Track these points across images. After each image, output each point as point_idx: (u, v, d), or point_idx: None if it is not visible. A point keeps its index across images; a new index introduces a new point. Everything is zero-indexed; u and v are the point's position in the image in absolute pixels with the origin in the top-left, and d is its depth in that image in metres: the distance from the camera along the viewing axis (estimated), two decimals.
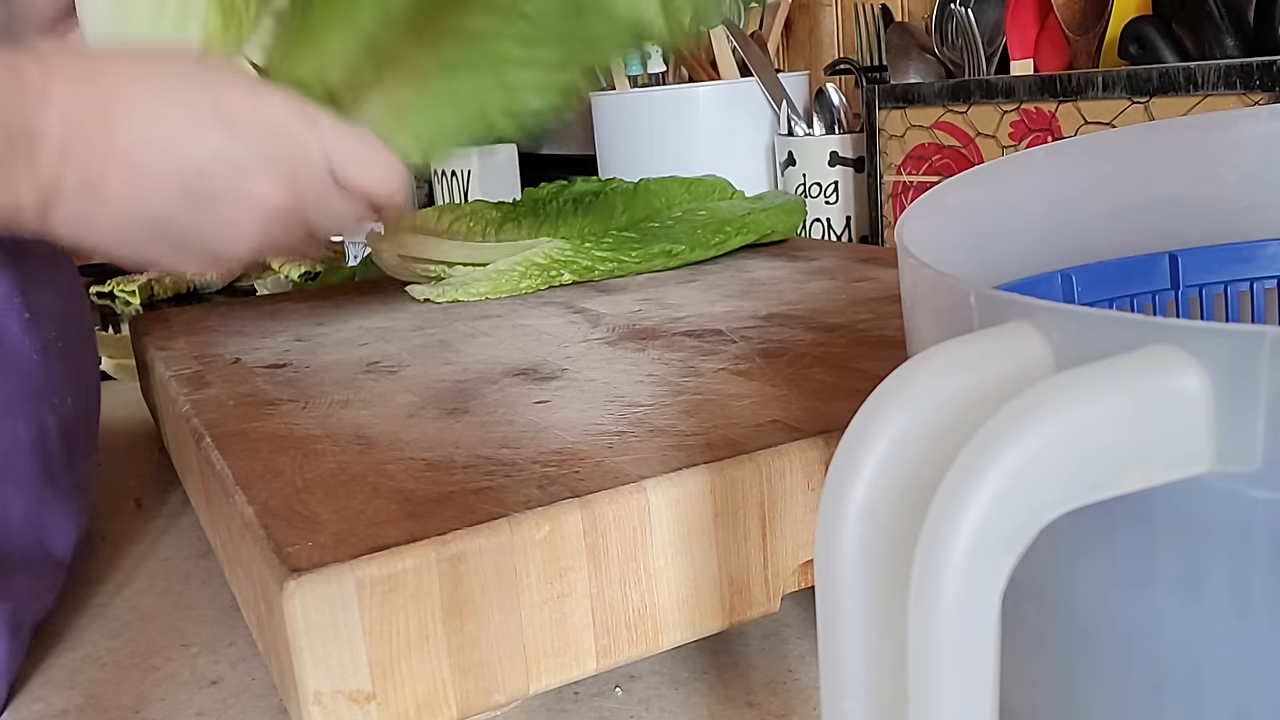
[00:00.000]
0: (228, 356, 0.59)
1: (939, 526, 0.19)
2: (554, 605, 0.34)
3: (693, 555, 0.36)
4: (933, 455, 0.20)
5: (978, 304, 0.23)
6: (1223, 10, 0.70)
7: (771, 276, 0.71)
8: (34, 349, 0.47)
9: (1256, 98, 0.65)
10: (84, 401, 0.54)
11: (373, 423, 0.44)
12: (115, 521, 0.61)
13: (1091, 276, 0.35)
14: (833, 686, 0.22)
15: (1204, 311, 0.36)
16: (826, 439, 0.38)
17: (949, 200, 0.33)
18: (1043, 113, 0.78)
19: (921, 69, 0.92)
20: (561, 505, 0.34)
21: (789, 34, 1.22)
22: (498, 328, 0.61)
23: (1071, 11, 0.80)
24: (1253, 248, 0.36)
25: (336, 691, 0.31)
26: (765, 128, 1.06)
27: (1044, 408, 0.19)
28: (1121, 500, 0.19)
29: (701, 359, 0.50)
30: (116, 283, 1.18)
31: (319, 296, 0.76)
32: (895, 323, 0.55)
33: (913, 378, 0.21)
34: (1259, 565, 0.20)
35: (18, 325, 0.47)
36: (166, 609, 0.50)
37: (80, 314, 0.55)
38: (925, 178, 0.89)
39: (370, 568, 0.31)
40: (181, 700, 0.42)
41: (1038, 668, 0.25)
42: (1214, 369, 0.18)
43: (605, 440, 0.40)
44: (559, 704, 0.41)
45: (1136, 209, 0.36)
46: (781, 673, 0.42)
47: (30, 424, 0.47)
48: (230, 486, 0.38)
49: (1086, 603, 0.23)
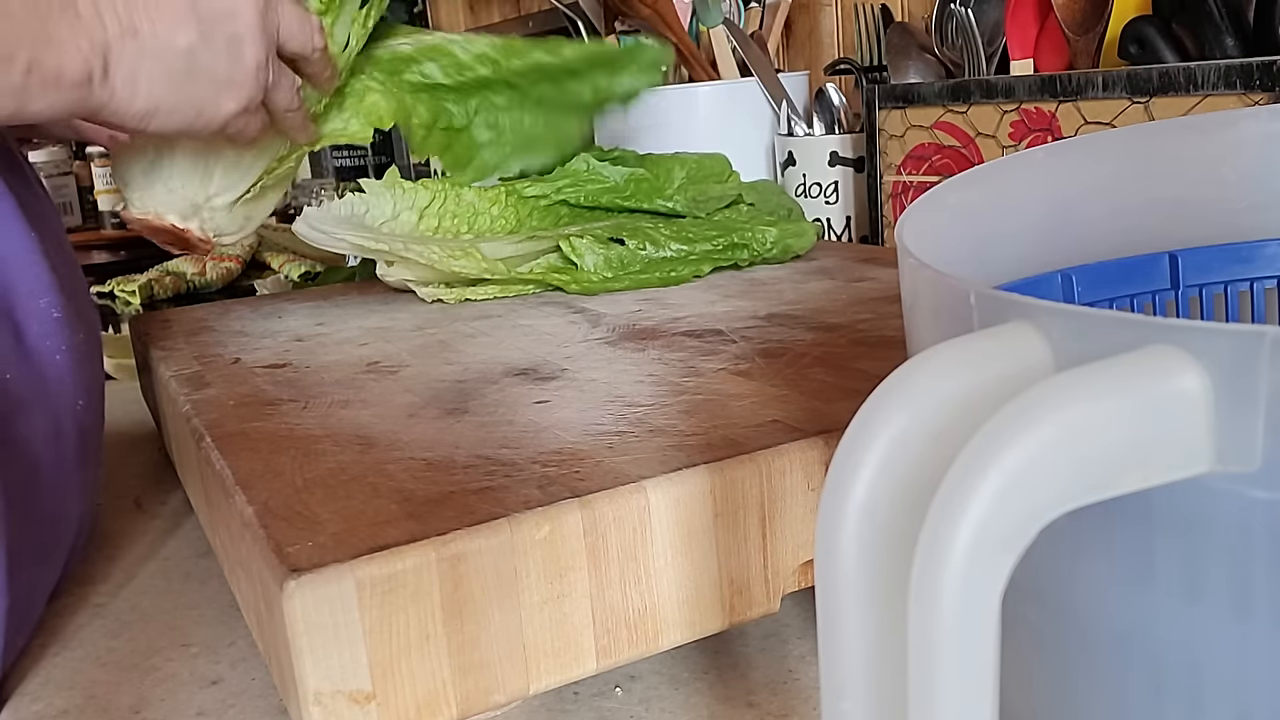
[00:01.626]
0: (228, 356, 0.59)
1: (939, 526, 0.19)
2: (554, 605, 0.34)
3: (693, 555, 0.36)
4: (933, 455, 0.20)
5: (978, 304, 0.23)
6: (1223, 10, 0.70)
7: (771, 276, 0.71)
8: (58, 349, 0.48)
9: (1256, 98, 0.65)
10: (96, 404, 0.54)
11: (373, 423, 0.44)
12: (115, 521, 0.61)
13: (1091, 276, 0.35)
14: (833, 686, 0.22)
15: (1204, 311, 0.36)
16: (826, 439, 0.38)
17: (949, 200, 0.33)
18: (1043, 113, 0.78)
19: (921, 69, 0.92)
20: (561, 505, 0.34)
21: (789, 34, 1.22)
22: (498, 328, 0.61)
23: (1071, 11, 0.80)
24: (1253, 248, 0.36)
25: (336, 691, 0.31)
26: (765, 128, 1.06)
27: (1044, 408, 0.19)
28: (1121, 500, 0.19)
29: (702, 359, 0.50)
30: (116, 283, 1.18)
31: (319, 296, 0.76)
32: (895, 323, 0.55)
33: (913, 378, 0.21)
34: (1259, 565, 0.20)
35: (49, 324, 0.48)
36: (166, 609, 0.50)
37: (93, 319, 0.56)
38: (925, 178, 0.89)
39: (370, 568, 0.31)
40: (181, 700, 0.42)
41: (1038, 668, 0.25)
42: (1214, 369, 0.18)
43: (605, 440, 0.40)
44: (559, 704, 0.41)
45: (1136, 209, 0.36)
46: (781, 673, 0.42)
47: (49, 423, 0.47)
48: (230, 486, 0.38)
49: (1086, 603, 0.23)
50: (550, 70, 0.68)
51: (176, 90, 0.48)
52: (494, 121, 0.69)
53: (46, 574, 0.49)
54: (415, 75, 0.67)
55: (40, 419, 0.47)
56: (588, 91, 0.70)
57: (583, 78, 0.70)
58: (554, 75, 0.69)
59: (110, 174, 0.60)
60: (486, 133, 0.69)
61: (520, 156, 0.71)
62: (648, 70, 0.72)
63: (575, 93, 0.70)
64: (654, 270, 0.70)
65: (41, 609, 0.49)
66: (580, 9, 1.13)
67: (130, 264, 1.32)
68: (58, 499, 0.49)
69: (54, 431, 0.48)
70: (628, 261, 0.69)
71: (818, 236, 0.80)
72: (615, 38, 1.10)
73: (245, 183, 0.62)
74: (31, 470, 0.46)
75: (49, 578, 0.50)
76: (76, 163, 1.86)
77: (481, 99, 0.69)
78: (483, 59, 0.67)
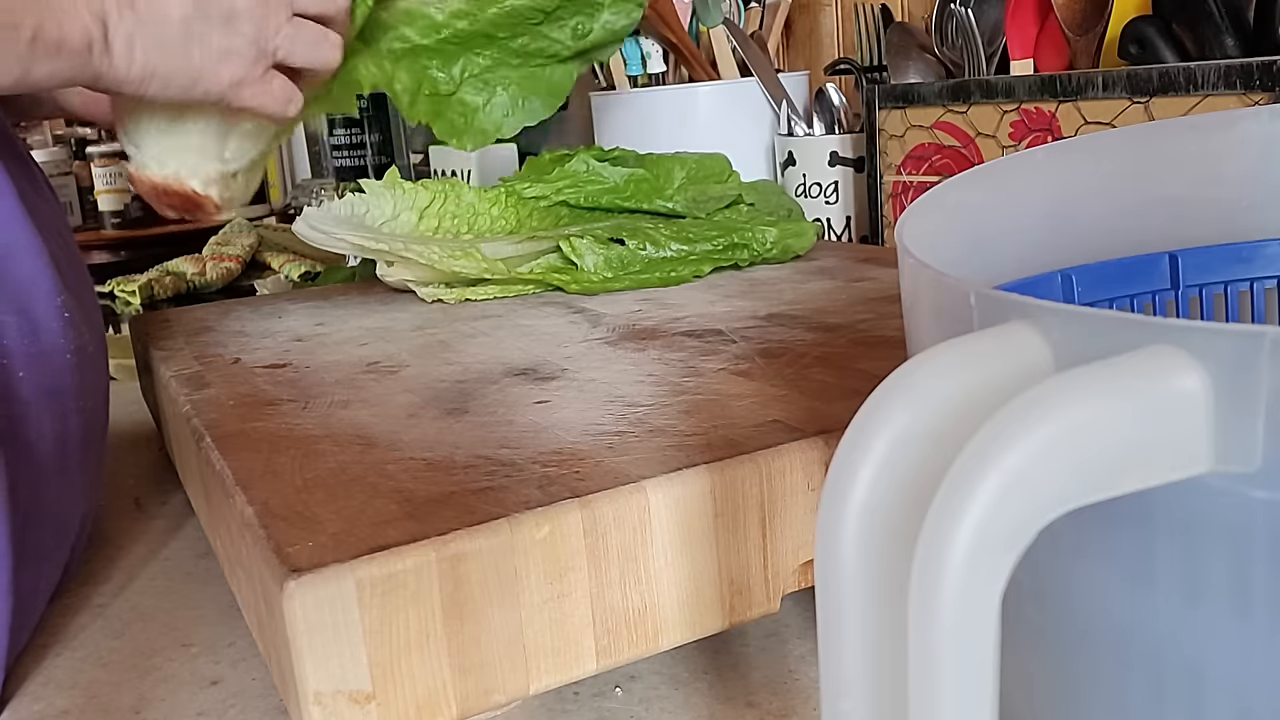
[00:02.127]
0: (228, 356, 0.59)
1: (939, 526, 0.19)
2: (554, 605, 0.34)
3: (693, 555, 0.36)
4: (933, 455, 0.20)
5: (978, 304, 0.23)
6: (1223, 10, 0.70)
7: (771, 276, 0.71)
8: (68, 349, 0.48)
9: (1256, 98, 0.65)
10: (101, 406, 0.54)
11: (373, 423, 0.44)
12: (116, 522, 0.61)
13: (1091, 276, 0.35)
14: (833, 686, 0.22)
15: (1204, 311, 0.36)
16: (826, 439, 0.38)
17: (949, 200, 0.33)
18: (1043, 113, 0.78)
19: (921, 69, 0.92)
20: (561, 505, 0.34)
21: (789, 34, 1.22)
22: (498, 328, 0.61)
23: (1071, 11, 0.80)
24: (1253, 248, 0.36)
25: (336, 692, 0.31)
26: (765, 128, 1.06)
27: (1044, 408, 0.19)
28: (1121, 500, 0.19)
29: (702, 359, 0.50)
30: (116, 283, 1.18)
31: (319, 296, 0.76)
32: (895, 323, 0.55)
33: (913, 378, 0.21)
34: (1259, 565, 0.20)
35: (58, 324, 0.48)
36: (167, 609, 0.50)
37: (98, 321, 0.56)
38: (925, 178, 0.89)
39: (370, 568, 0.31)
40: (181, 700, 0.42)
41: (1038, 668, 0.25)
42: (1214, 369, 0.18)
43: (605, 440, 0.40)
44: (559, 704, 0.41)
45: (1137, 209, 0.36)
46: (781, 673, 0.42)
47: (56, 422, 0.47)
48: (230, 486, 0.38)
49: (1086, 603, 0.23)
50: (526, 13, 0.67)
51: (171, 58, 0.49)
52: (482, 82, 0.68)
53: (49, 574, 0.49)
54: (394, 42, 0.66)
55: (48, 420, 0.47)
56: (567, 35, 0.68)
57: (560, 21, 0.68)
58: (531, 20, 0.67)
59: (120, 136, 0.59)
60: (476, 96, 0.68)
61: (516, 115, 0.69)
62: (626, 5, 0.70)
63: (555, 38, 0.68)
64: (654, 270, 0.70)
65: (43, 608, 0.49)
66: None
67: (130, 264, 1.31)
68: (62, 500, 0.49)
69: (60, 432, 0.48)
70: (628, 261, 0.69)
71: (818, 236, 0.80)
72: None
73: (253, 152, 0.62)
74: (37, 471, 0.46)
75: (52, 577, 0.50)
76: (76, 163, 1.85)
77: (465, 61, 0.68)
78: (458, 14, 0.66)
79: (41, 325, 0.47)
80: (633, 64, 1.10)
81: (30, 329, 0.46)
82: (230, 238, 1.31)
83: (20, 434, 0.45)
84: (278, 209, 1.80)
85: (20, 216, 0.47)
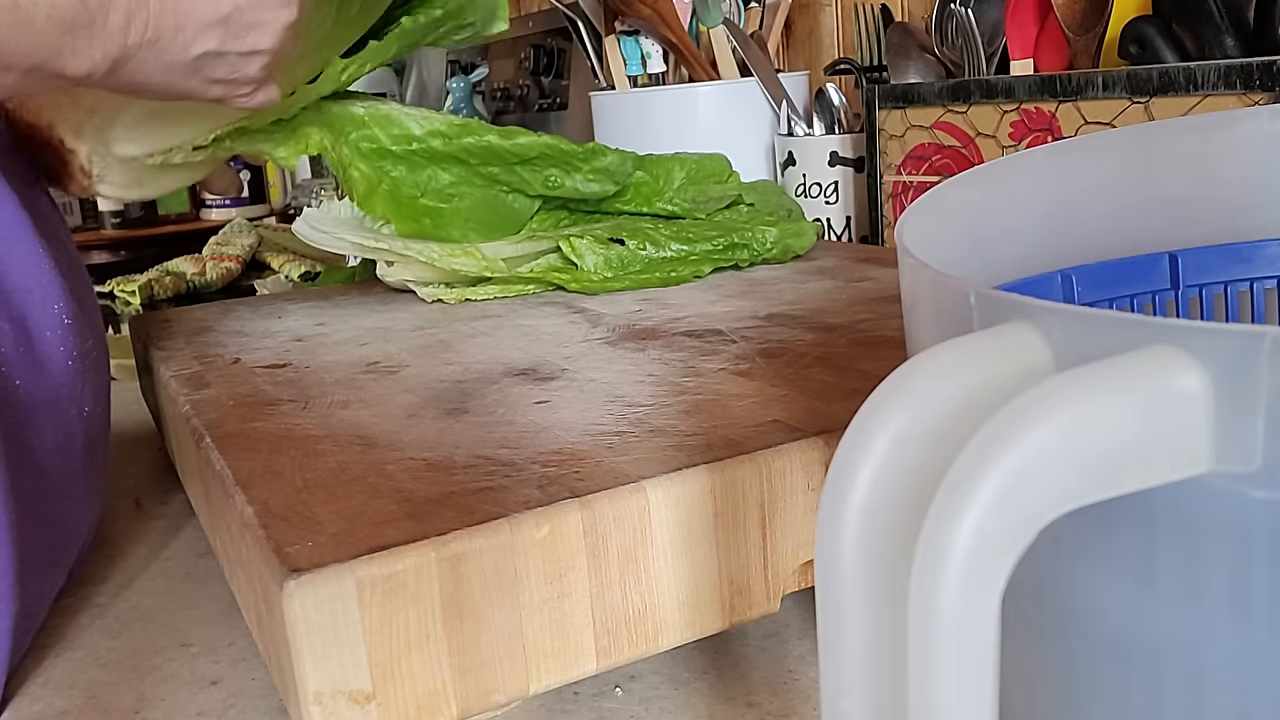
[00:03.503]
0: (228, 356, 0.59)
1: (939, 526, 0.19)
2: (554, 605, 0.34)
3: (693, 555, 0.36)
4: (933, 455, 0.20)
5: (978, 304, 0.23)
6: (1223, 10, 0.70)
7: (771, 276, 0.71)
8: (69, 355, 0.48)
9: (1256, 98, 0.65)
10: (103, 411, 0.54)
11: (373, 423, 0.44)
12: (115, 522, 0.61)
13: (1091, 276, 0.35)
14: (833, 686, 0.22)
15: (1204, 311, 0.36)
16: (826, 439, 0.38)
17: (949, 200, 0.33)
18: (1043, 113, 0.78)
19: (921, 69, 0.92)
20: (561, 505, 0.34)
21: (789, 34, 1.22)
22: (498, 328, 0.61)
23: (1071, 11, 0.80)
24: (1253, 248, 0.36)
25: (336, 692, 0.31)
26: (765, 128, 1.06)
27: (1044, 408, 0.19)
28: (1121, 500, 0.19)
29: (701, 359, 0.50)
30: (116, 283, 1.18)
31: (319, 296, 0.76)
32: (895, 323, 0.55)
33: (913, 378, 0.21)
34: (1259, 566, 0.20)
35: (59, 329, 0.48)
36: (166, 609, 0.50)
37: (99, 325, 0.56)
38: (925, 178, 0.89)
39: (370, 568, 0.31)
40: (181, 700, 0.42)
41: (1038, 668, 0.25)
42: (1214, 369, 0.18)
43: (605, 440, 0.40)
44: (559, 704, 0.41)
45: (1136, 209, 0.36)
46: (781, 673, 0.42)
47: (57, 430, 0.47)
48: (230, 486, 0.38)
49: (1086, 603, 0.23)
50: (502, 153, 0.67)
51: (169, 82, 0.47)
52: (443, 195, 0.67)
53: (54, 580, 0.49)
54: (361, 141, 0.66)
55: (49, 426, 0.47)
56: (539, 181, 0.69)
57: (535, 167, 0.68)
58: (505, 158, 0.67)
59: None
60: (440, 204, 0.68)
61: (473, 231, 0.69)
62: (603, 176, 0.70)
63: (526, 179, 0.69)
64: (654, 270, 0.70)
65: (46, 613, 0.49)
66: (580, 9, 1.13)
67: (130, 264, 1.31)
68: (66, 506, 0.49)
69: (63, 439, 0.48)
70: (628, 261, 0.69)
71: (818, 236, 0.80)
72: (615, 38, 1.10)
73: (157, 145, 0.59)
74: (40, 477, 0.46)
75: (56, 583, 0.50)
76: None
77: (431, 173, 0.67)
78: (435, 134, 0.66)
79: (41, 332, 0.47)
80: (633, 64, 1.10)
81: (25, 336, 0.46)
82: (230, 238, 1.31)
83: (21, 441, 0.45)
84: (278, 209, 1.80)
85: (20, 224, 0.47)
